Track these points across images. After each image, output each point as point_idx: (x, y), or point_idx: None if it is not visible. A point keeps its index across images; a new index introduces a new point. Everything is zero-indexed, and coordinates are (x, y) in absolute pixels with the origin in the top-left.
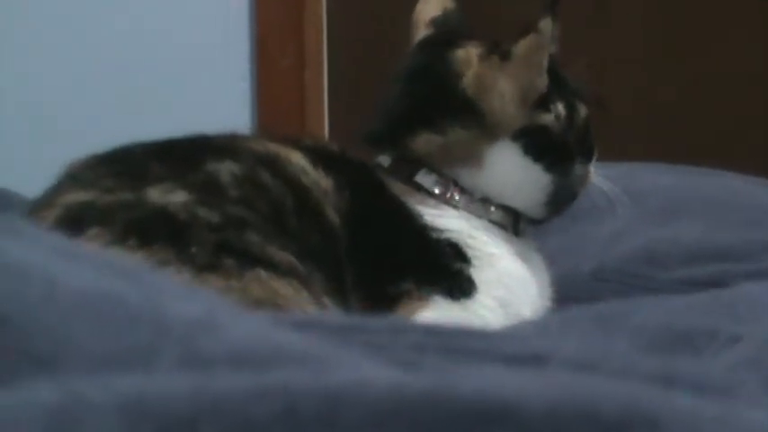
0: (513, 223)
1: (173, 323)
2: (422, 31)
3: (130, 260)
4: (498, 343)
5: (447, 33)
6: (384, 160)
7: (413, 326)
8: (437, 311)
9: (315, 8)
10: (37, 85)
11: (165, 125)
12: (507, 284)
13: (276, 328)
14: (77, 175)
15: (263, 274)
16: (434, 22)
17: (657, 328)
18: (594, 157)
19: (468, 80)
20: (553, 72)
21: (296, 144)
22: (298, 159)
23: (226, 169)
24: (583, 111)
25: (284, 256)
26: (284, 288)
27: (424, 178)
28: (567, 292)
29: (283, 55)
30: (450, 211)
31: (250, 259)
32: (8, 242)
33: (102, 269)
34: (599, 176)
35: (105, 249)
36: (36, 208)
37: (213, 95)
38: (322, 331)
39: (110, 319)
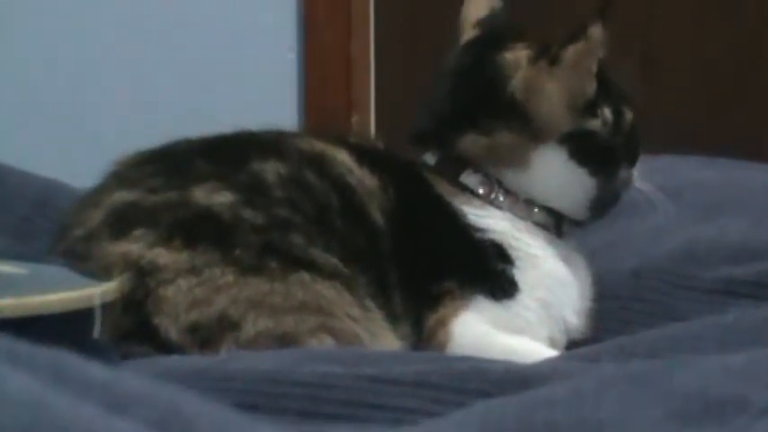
0: (556, 225)
1: None
2: (469, 32)
3: (171, 395)
4: None
5: (494, 35)
6: (430, 159)
7: None
8: (479, 312)
9: None
10: (84, 57)
11: (213, 97)
12: (549, 286)
13: None
14: (123, 174)
15: (306, 276)
16: (481, 23)
17: (692, 394)
18: (638, 161)
19: (516, 83)
20: (601, 77)
21: (342, 142)
22: (343, 158)
23: (271, 169)
24: (629, 116)
25: (328, 258)
26: (327, 290)
27: (469, 178)
28: (608, 291)
29: (330, 27)
30: (495, 212)
31: (294, 261)
32: (51, 392)
33: (146, 417)
34: (640, 179)
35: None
36: (82, 207)
37: (261, 66)
38: None
39: None
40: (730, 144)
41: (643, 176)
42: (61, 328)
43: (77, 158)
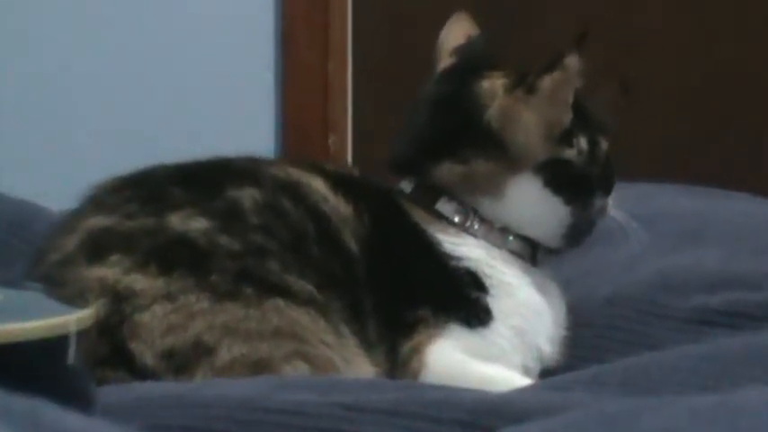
0: (531, 253)
1: None
2: (446, 60)
3: None
4: None
5: (471, 63)
6: (406, 186)
7: None
8: (453, 340)
9: (340, 0)
10: (62, 78)
11: (190, 116)
12: (524, 314)
13: None
14: (99, 199)
15: (281, 303)
16: (458, 51)
17: None
18: (613, 190)
19: (492, 112)
20: (578, 106)
21: (317, 169)
22: (318, 185)
23: (247, 196)
24: (604, 145)
25: (303, 285)
26: (302, 317)
27: (444, 206)
28: (582, 319)
29: (308, 47)
30: (470, 240)
31: (269, 288)
32: None
33: None
34: (615, 207)
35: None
36: (58, 232)
37: (238, 86)
38: None
39: None
40: (711, 172)
41: (618, 205)
42: (36, 355)
43: (56, 179)
